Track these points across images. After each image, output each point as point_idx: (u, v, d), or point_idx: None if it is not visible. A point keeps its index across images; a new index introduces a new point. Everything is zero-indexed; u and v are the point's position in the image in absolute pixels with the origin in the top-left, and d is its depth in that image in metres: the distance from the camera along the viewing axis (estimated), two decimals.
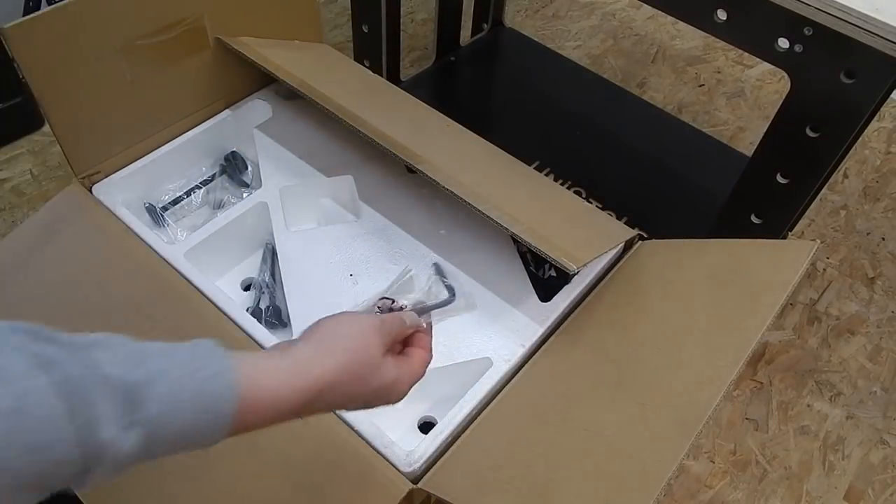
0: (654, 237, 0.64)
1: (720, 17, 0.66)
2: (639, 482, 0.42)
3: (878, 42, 0.57)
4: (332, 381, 0.36)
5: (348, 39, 1.17)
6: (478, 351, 0.58)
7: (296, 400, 0.34)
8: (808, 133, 0.65)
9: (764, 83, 1.32)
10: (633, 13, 1.44)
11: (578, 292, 0.60)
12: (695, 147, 1.08)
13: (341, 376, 0.36)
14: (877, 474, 0.84)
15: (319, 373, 0.35)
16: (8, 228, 0.99)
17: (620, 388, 0.50)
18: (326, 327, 0.38)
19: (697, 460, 0.84)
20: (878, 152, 1.22)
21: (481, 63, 1.19)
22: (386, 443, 0.50)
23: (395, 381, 0.40)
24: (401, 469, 0.49)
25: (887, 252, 1.07)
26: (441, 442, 0.51)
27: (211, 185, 0.75)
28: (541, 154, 0.99)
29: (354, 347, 0.37)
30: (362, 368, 0.38)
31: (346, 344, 0.37)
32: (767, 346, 0.95)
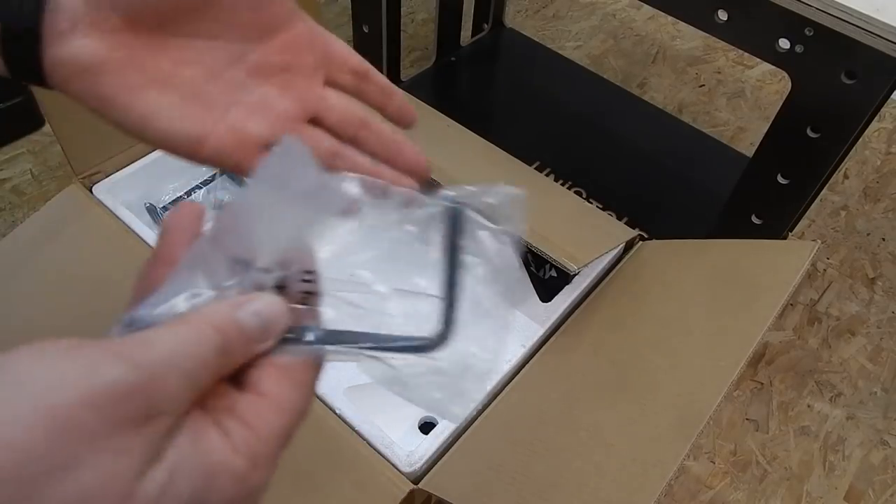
0: (654, 237, 0.64)
1: (721, 18, 0.66)
2: (639, 482, 0.42)
3: (879, 43, 0.57)
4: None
5: (348, 39, 1.17)
6: None
7: None
8: (808, 133, 0.65)
9: (764, 83, 1.31)
10: (634, 13, 1.44)
11: (579, 293, 0.60)
12: (695, 147, 1.07)
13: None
14: (877, 475, 0.84)
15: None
16: (8, 228, 0.99)
17: (621, 389, 0.50)
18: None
19: (698, 461, 0.84)
20: (879, 153, 1.22)
21: (482, 63, 1.19)
22: (386, 443, 0.50)
23: (209, 485, 0.19)
24: (401, 469, 0.49)
25: (887, 252, 1.07)
26: (442, 442, 0.51)
27: (211, 185, 0.74)
28: (541, 154, 0.99)
29: (31, 461, 0.16)
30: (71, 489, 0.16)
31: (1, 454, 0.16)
32: (768, 346, 0.95)
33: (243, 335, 0.21)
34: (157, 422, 0.18)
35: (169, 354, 0.19)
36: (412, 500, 0.48)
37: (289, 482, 0.48)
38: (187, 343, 0.19)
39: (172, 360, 0.19)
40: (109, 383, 0.17)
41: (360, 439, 0.50)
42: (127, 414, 0.17)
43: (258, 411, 0.21)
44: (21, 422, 0.16)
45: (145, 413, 0.18)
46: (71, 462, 0.16)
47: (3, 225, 1.00)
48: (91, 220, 0.63)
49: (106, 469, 0.17)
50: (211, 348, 0.20)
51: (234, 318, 0.21)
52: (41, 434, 0.16)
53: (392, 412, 0.57)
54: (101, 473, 0.17)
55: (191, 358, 0.19)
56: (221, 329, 0.20)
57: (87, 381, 0.17)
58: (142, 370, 0.18)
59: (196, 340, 0.20)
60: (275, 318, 0.22)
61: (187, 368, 0.19)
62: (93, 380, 0.17)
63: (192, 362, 0.19)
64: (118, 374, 0.17)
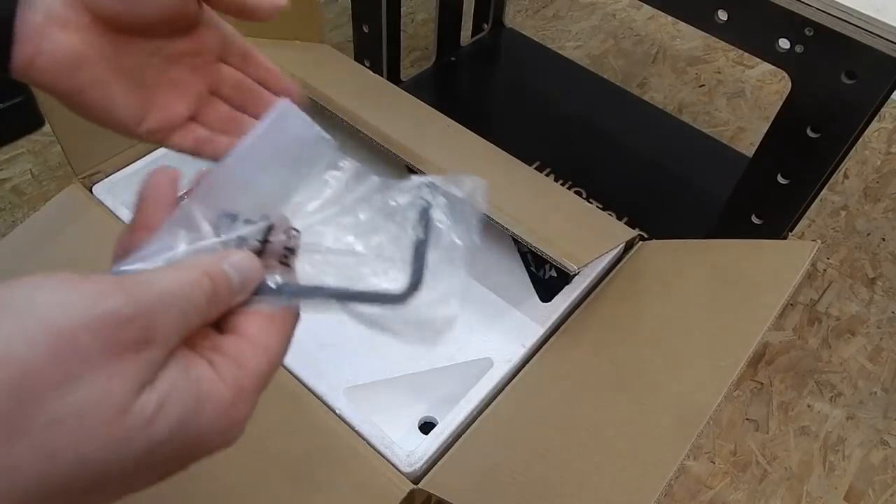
0: (654, 237, 0.64)
1: (721, 18, 0.66)
2: (639, 483, 0.42)
3: (879, 43, 0.57)
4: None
5: (348, 39, 1.17)
6: (478, 351, 0.57)
7: None
8: (808, 133, 0.65)
9: (764, 84, 1.31)
10: (634, 13, 1.44)
11: (579, 293, 0.60)
12: (695, 147, 1.07)
13: None
14: (877, 475, 0.84)
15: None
16: (8, 228, 0.99)
17: (621, 389, 0.50)
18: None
19: (698, 461, 0.84)
20: (879, 153, 1.22)
21: (482, 63, 1.19)
22: (386, 443, 0.50)
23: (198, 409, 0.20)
24: (401, 469, 0.49)
25: (888, 253, 1.07)
26: (442, 442, 0.51)
27: None
28: (541, 154, 0.99)
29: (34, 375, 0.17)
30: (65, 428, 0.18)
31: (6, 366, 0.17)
32: (768, 346, 0.95)
33: (229, 285, 0.23)
34: (151, 351, 0.20)
35: (166, 292, 0.21)
36: (412, 500, 0.48)
37: (289, 482, 0.48)
38: (183, 284, 0.21)
39: (168, 298, 0.21)
40: (110, 311, 0.19)
41: (360, 439, 0.50)
42: (123, 340, 0.19)
43: (242, 350, 0.23)
44: (26, 339, 0.17)
45: (140, 341, 0.19)
46: (70, 379, 0.18)
47: (3, 225, 1.00)
48: (91, 220, 0.63)
49: (102, 387, 0.18)
50: (203, 292, 0.22)
51: (222, 268, 0.23)
52: (44, 351, 0.17)
53: (392, 412, 0.57)
54: (97, 390, 0.18)
55: (185, 298, 0.21)
56: (213, 276, 0.22)
57: (90, 307, 0.19)
58: (140, 303, 0.20)
59: (191, 283, 0.22)
60: (250, 273, 0.24)
61: (181, 307, 0.21)
62: (95, 306, 0.19)
63: (186, 302, 0.21)
64: (119, 304, 0.19)
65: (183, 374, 0.20)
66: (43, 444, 0.17)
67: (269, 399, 0.53)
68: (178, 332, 0.21)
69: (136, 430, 0.19)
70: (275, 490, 0.47)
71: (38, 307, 0.18)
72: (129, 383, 0.19)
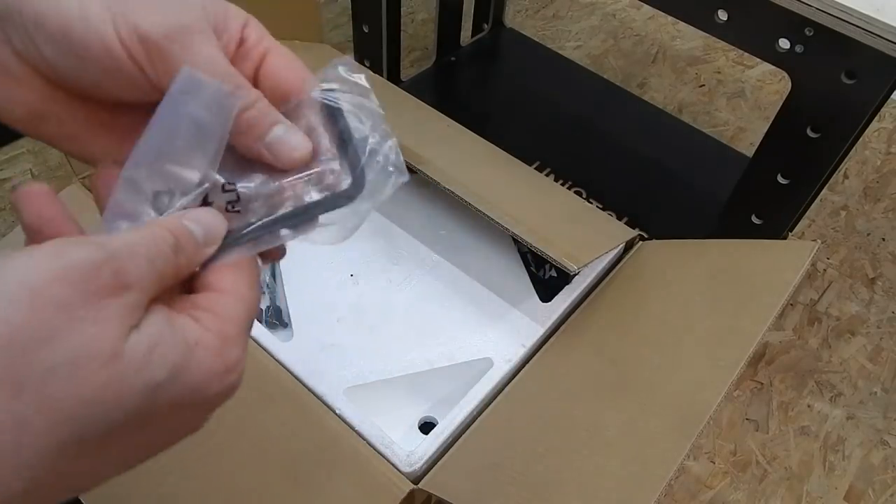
0: (654, 237, 0.64)
1: (721, 18, 0.66)
2: (639, 483, 0.42)
3: (879, 43, 0.57)
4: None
5: (348, 39, 1.17)
6: (478, 351, 0.58)
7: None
8: (808, 133, 0.65)
9: (764, 84, 1.31)
10: (634, 13, 1.44)
11: (579, 292, 0.60)
12: (695, 147, 1.07)
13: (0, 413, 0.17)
14: (877, 475, 0.84)
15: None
16: (8, 228, 0.99)
17: (621, 389, 0.50)
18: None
19: (698, 461, 0.84)
20: (879, 153, 1.22)
21: (482, 63, 1.19)
22: (386, 443, 0.50)
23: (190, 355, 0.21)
24: (401, 469, 0.49)
25: (888, 252, 1.07)
26: (442, 442, 0.51)
27: None
28: (541, 154, 0.99)
29: (22, 331, 0.18)
30: (60, 376, 0.18)
31: None
32: (768, 346, 0.95)
33: (192, 238, 0.23)
34: (128, 294, 0.20)
35: (130, 242, 0.21)
36: (412, 500, 0.48)
37: (289, 482, 0.48)
38: (145, 237, 0.22)
39: (133, 247, 0.21)
40: (78, 260, 0.19)
41: (360, 439, 0.50)
42: (98, 285, 0.19)
43: (219, 300, 0.23)
44: (5, 299, 0.18)
45: (115, 286, 0.20)
46: (55, 330, 0.18)
47: (3, 225, 1.00)
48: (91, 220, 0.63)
49: (89, 333, 0.19)
50: (167, 244, 0.22)
51: (182, 223, 0.23)
52: (25, 308, 0.18)
53: (392, 412, 0.57)
54: (85, 337, 0.19)
55: (150, 247, 0.22)
56: (174, 231, 0.23)
57: (58, 261, 0.19)
58: (106, 249, 0.20)
59: (153, 236, 0.22)
60: (212, 224, 0.24)
61: (148, 255, 0.21)
62: (63, 259, 0.19)
63: (152, 251, 0.22)
64: (85, 253, 0.20)
65: (167, 324, 0.21)
66: (44, 394, 0.18)
67: (270, 399, 0.53)
68: (150, 278, 0.21)
69: (131, 374, 0.19)
70: (275, 490, 0.47)
71: (11, 271, 0.19)
72: (114, 327, 0.19)
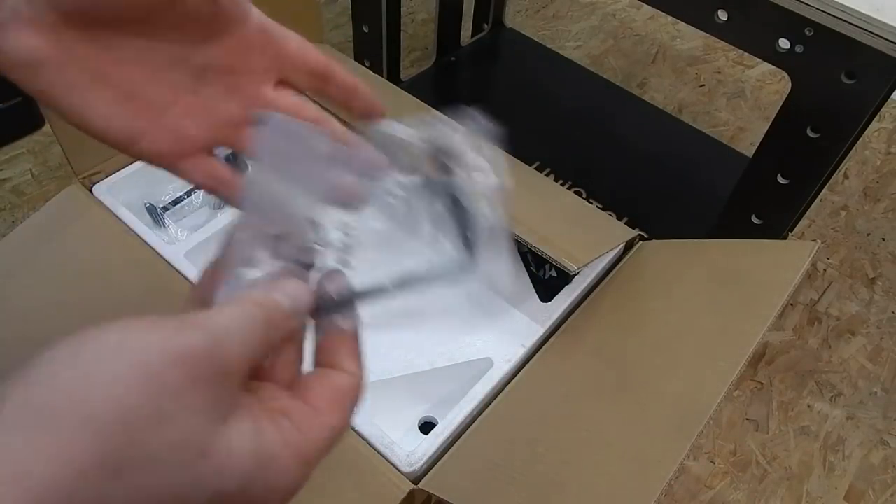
0: (654, 237, 0.64)
1: (720, 18, 0.66)
2: (639, 483, 0.42)
3: (879, 43, 0.57)
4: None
5: (348, 39, 1.17)
6: (478, 351, 0.57)
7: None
8: (808, 133, 0.65)
9: (764, 84, 1.32)
10: (634, 13, 1.44)
11: (579, 293, 0.60)
12: (695, 147, 1.07)
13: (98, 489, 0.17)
14: (877, 475, 0.84)
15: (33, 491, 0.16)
16: (8, 228, 0.99)
17: (621, 389, 0.50)
18: (61, 367, 0.18)
19: (698, 461, 0.84)
20: (879, 153, 1.22)
21: (482, 63, 1.19)
22: (386, 443, 0.50)
23: (264, 470, 0.21)
24: (401, 469, 0.49)
25: (888, 252, 1.07)
26: (442, 442, 0.51)
27: None
28: (541, 154, 0.99)
29: (134, 414, 0.18)
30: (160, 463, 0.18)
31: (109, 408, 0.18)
32: (768, 346, 0.95)
33: (281, 310, 0.23)
34: (225, 382, 0.20)
35: (228, 323, 0.21)
36: (412, 500, 0.48)
37: None
38: (239, 316, 0.22)
39: (231, 329, 0.21)
40: (189, 345, 0.20)
41: (360, 439, 0.50)
42: (203, 372, 0.20)
43: (310, 418, 0.23)
44: (121, 380, 0.18)
45: (215, 372, 0.20)
46: (162, 417, 0.18)
47: (3, 225, 1.00)
48: (91, 220, 0.63)
49: (188, 423, 0.19)
50: (258, 321, 0.22)
51: (271, 296, 0.23)
52: (138, 390, 0.18)
53: (392, 412, 0.57)
54: (185, 428, 0.19)
55: (244, 327, 0.22)
56: (263, 305, 0.23)
57: (172, 344, 0.19)
58: (210, 335, 0.20)
59: (246, 314, 0.22)
60: (298, 295, 0.24)
61: (243, 336, 0.21)
62: (176, 343, 0.19)
63: (246, 331, 0.22)
64: (195, 339, 0.20)
65: (251, 426, 0.21)
66: (137, 481, 0.18)
67: None
68: (244, 360, 0.21)
69: (210, 475, 0.19)
70: None
71: (128, 351, 0.19)
72: (208, 419, 0.19)
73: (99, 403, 0.18)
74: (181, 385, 0.19)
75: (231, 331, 0.21)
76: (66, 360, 0.19)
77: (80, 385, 0.18)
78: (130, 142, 0.28)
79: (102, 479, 0.17)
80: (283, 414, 0.22)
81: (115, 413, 0.18)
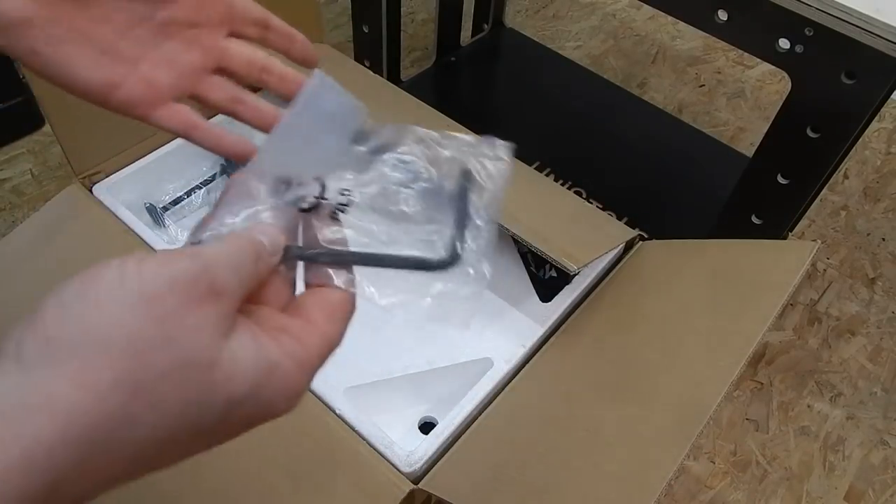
0: (654, 237, 0.64)
1: (721, 18, 0.66)
2: (639, 483, 0.42)
3: (878, 43, 0.57)
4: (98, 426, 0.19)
5: (348, 39, 1.17)
6: (478, 351, 0.57)
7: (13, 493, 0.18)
8: (808, 133, 0.65)
9: (764, 84, 1.31)
10: (634, 13, 1.44)
11: (579, 293, 0.60)
12: (695, 147, 1.07)
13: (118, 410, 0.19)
14: (877, 475, 0.84)
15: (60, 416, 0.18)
16: (8, 228, 0.99)
17: (621, 389, 0.50)
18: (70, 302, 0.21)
19: (698, 461, 0.84)
20: (879, 153, 1.22)
21: (482, 63, 1.19)
22: (386, 443, 0.50)
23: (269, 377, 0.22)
24: (401, 469, 0.49)
25: (888, 253, 1.07)
26: (442, 442, 0.51)
27: (211, 185, 0.75)
28: (541, 154, 0.99)
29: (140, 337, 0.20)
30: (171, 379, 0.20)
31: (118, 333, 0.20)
32: (768, 346, 0.95)
33: (265, 248, 0.25)
34: (221, 302, 0.22)
35: (216, 252, 0.23)
36: (412, 500, 0.48)
37: (289, 482, 0.48)
38: (228, 247, 0.24)
39: (220, 256, 0.23)
40: (182, 270, 0.21)
41: (360, 439, 0.50)
42: (197, 294, 0.21)
43: (306, 330, 0.25)
44: (126, 308, 0.20)
45: (211, 293, 0.22)
46: (167, 337, 0.20)
47: (3, 225, 1.00)
48: (91, 220, 0.63)
49: (195, 340, 0.21)
50: (248, 253, 0.24)
51: (253, 234, 0.25)
52: (143, 315, 0.20)
53: (392, 412, 0.57)
54: (190, 344, 0.21)
55: (232, 255, 0.23)
56: (252, 241, 0.25)
57: (166, 271, 0.21)
58: (202, 260, 0.22)
59: (233, 246, 0.24)
60: (276, 237, 0.26)
61: (231, 261, 0.23)
62: (170, 270, 0.21)
63: (234, 259, 0.23)
64: (186, 264, 0.21)
65: (252, 340, 0.22)
66: (155, 397, 0.20)
67: None
68: (237, 284, 0.23)
69: (221, 383, 0.21)
70: (275, 490, 0.47)
71: (128, 282, 0.21)
72: (212, 335, 0.21)
73: (108, 330, 0.20)
74: (180, 306, 0.21)
75: (220, 258, 0.23)
76: (72, 297, 0.21)
77: (90, 316, 0.20)
78: (109, 92, 0.30)
79: (121, 399, 0.19)
80: (280, 330, 0.24)
81: (124, 338, 0.20)
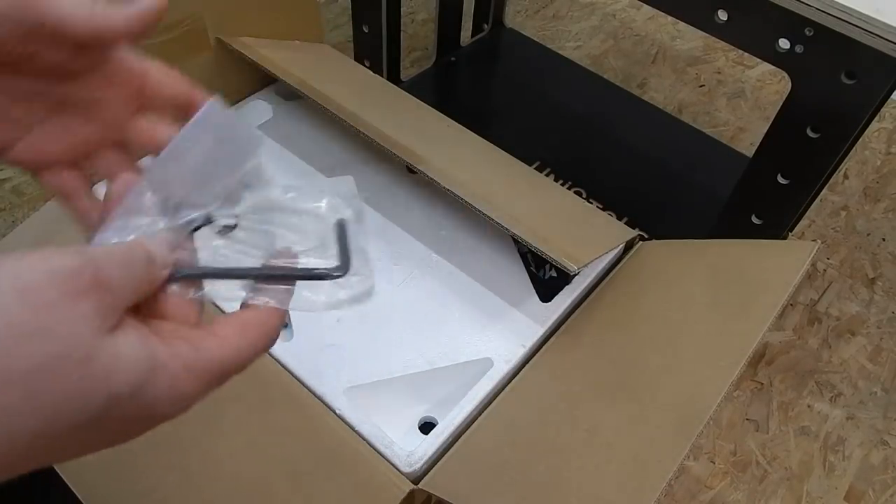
0: (654, 237, 0.64)
1: (720, 18, 0.66)
2: (639, 483, 0.42)
3: (879, 43, 0.57)
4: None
5: (348, 39, 1.17)
6: (478, 351, 0.57)
7: None
8: (808, 134, 0.65)
9: (764, 84, 1.31)
10: (634, 13, 1.44)
11: (579, 293, 0.60)
12: (695, 147, 1.07)
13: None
14: (877, 475, 0.84)
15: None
16: (8, 228, 0.99)
17: (621, 389, 0.50)
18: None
19: (698, 461, 0.84)
20: (879, 153, 1.22)
21: (482, 63, 1.19)
22: (386, 443, 0.50)
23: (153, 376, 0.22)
24: (401, 469, 0.49)
25: (888, 253, 1.07)
26: (442, 442, 0.51)
27: None
28: (541, 154, 0.99)
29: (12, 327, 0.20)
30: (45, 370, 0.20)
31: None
32: (768, 346, 0.95)
33: (156, 255, 0.25)
34: (105, 295, 0.22)
35: (107, 250, 0.23)
36: (412, 500, 0.48)
37: (289, 482, 0.48)
38: (119, 247, 0.24)
39: (108, 253, 0.23)
40: (62, 264, 0.21)
41: (360, 439, 0.50)
42: (79, 285, 0.21)
43: (206, 339, 0.25)
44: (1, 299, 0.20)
45: (93, 286, 0.21)
46: (43, 327, 0.20)
47: (3, 225, 1.00)
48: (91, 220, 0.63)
49: (70, 331, 0.20)
50: (138, 252, 0.24)
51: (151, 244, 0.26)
52: (15, 305, 0.20)
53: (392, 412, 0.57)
54: (67, 335, 0.20)
55: (124, 254, 0.24)
56: (142, 244, 0.25)
57: (46, 265, 0.21)
58: (86, 255, 0.22)
59: (129, 247, 0.25)
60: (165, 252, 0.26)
61: (122, 260, 0.23)
62: (51, 263, 0.21)
63: (126, 256, 0.24)
64: (69, 258, 0.21)
65: (138, 337, 0.22)
66: (28, 388, 0.19)
67: (270, 399, 0.53)
68: (125, 283, 0.23)
69: (100, 378, 0.21)
70: (275, 490, 0.47)
71: (5, 275, 0.20)
72: (90, 327, 0.21)
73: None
74: (60, 298, 0.20)
75: (111, 255, 0.23)
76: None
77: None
78: (2, 153, 0.30)
79: None
80: (177, 337, 0.24)
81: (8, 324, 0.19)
